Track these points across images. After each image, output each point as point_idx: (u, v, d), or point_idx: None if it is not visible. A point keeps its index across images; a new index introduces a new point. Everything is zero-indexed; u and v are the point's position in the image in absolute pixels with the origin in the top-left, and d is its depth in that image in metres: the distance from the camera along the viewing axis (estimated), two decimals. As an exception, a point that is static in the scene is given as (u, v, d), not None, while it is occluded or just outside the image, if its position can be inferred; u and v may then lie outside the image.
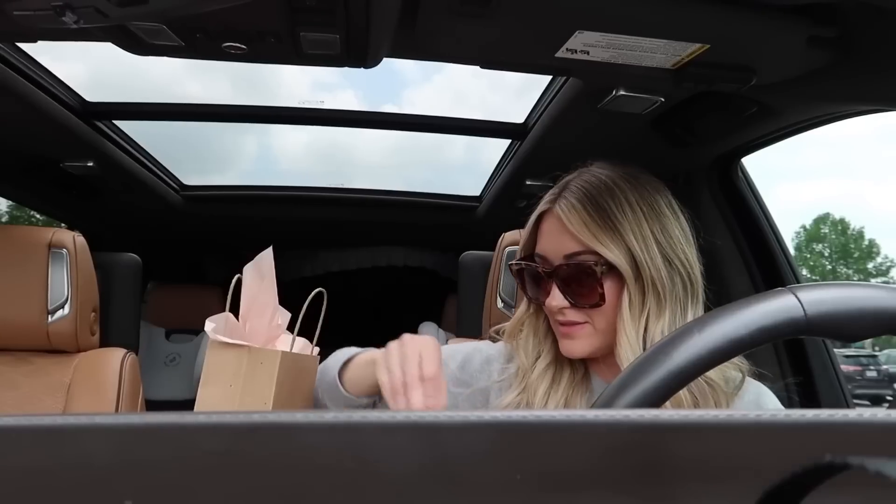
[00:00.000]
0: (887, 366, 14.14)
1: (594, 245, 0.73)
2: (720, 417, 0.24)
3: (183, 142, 2.06)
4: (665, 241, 0.74)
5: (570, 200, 0.76)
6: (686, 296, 0.74)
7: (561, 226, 0.76)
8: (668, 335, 0.40)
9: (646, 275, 0.72)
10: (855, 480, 0.18)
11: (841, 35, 0.78)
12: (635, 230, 0.73)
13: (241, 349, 0.76)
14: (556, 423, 0.24)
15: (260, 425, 0.23)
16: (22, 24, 0.66)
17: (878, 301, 0.38)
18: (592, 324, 0.76)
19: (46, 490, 0.22)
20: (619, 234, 0.73)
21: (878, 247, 31.95)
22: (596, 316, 0.75)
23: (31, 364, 1.13)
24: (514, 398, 0.78)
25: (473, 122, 1.64)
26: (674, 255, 0.74)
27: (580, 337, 0.76)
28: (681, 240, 0.76)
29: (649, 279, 0.72)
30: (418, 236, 2.64)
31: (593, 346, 0.76)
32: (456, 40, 0.82)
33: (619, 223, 0.73)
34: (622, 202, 0.74)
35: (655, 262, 0.72)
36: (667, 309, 0.72)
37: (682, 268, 0.74)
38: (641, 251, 0.72)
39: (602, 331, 0.75)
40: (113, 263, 1.36)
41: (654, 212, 0.75)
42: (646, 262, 0.72)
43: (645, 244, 0.73)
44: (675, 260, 0.74)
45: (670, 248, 0.74)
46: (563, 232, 0.76)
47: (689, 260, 0.75)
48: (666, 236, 0.74)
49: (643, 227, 0.73)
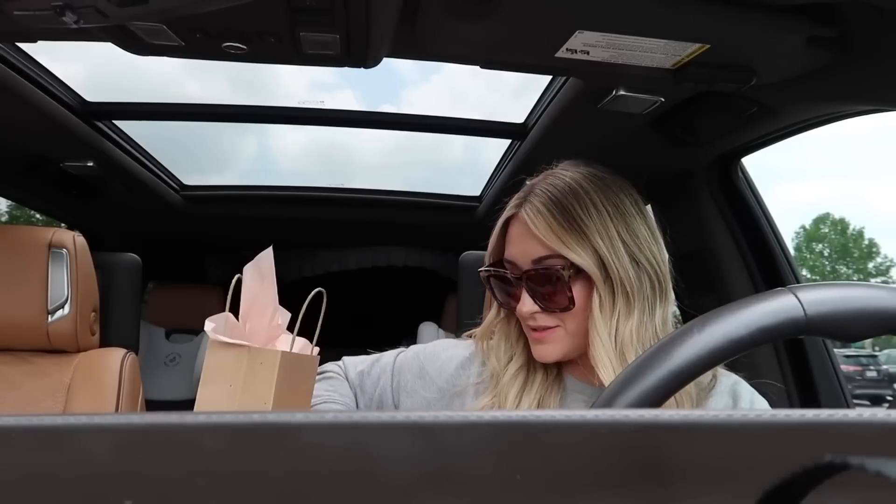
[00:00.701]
0: (887, 366, 14.14)
1: (561, 249, 0.73)
2: (720, 417, 0.24)
3: (183, 142, 2.06)
4: (631, 240, 0.74)
5: (535, 204, 0.76)
6: (654, 294, 0.74)
7: (527, 230, 0.75)
8: (668, 335, 0.39)
9: (614, 276, 0.72)
10: (855, 480, 0.18)
11: (841, 35, 0.78)
12: (601, 231, 0.73)
13: (241, 349, 0.76)
14: (556, 423, 0.24)
15: (260, 425, 0.23)
16: (22, 24, 0.66)
17: (878, 301, 0.38)
18: (564, 327, 0.75)
19: (46, 490, 0.22)
20: (586, 236, 0.73)
21: (877, 247, 31.98)
22: (567, 319, 0.75)
23: (31, 364, 1.13)
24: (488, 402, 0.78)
25: (473, 122, 1.64)
26: (640, 254, 0.74)
27: (552, 341, 0.76)
28: (647, 238, 0.75)
29: (618, 280, 0.72)
30: (418, 236, 2.64)
31: (566, 348, 0.76)
32: (456, 40, 0.82)
33: (585, 225, 0.73)
34: (587, 203, 0.74)
35: (623, 262, 0.72)
36: (635, 308, 0.72)
37: (650, 266, 0.74)
38: (608, 252, 0.72)
39: (573, 333, 0.75)
40: (113, 263, 1.36)
41: (619, 211, 0.75)
42: (613, 263, 0.72)
43: (612, 245, 0.72)
44: (641, 259, 0.74)
45: (637, 247, 0.74)
46: (529, 237, 0.75)
47: (657, 258, 0.75)
48: (632, 235, 0.74)
49: (609, 228, 0.73)
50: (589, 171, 0.79)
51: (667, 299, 0.76)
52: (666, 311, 0.75)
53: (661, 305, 0.75)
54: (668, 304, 0.76)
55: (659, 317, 0.74)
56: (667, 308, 0.75)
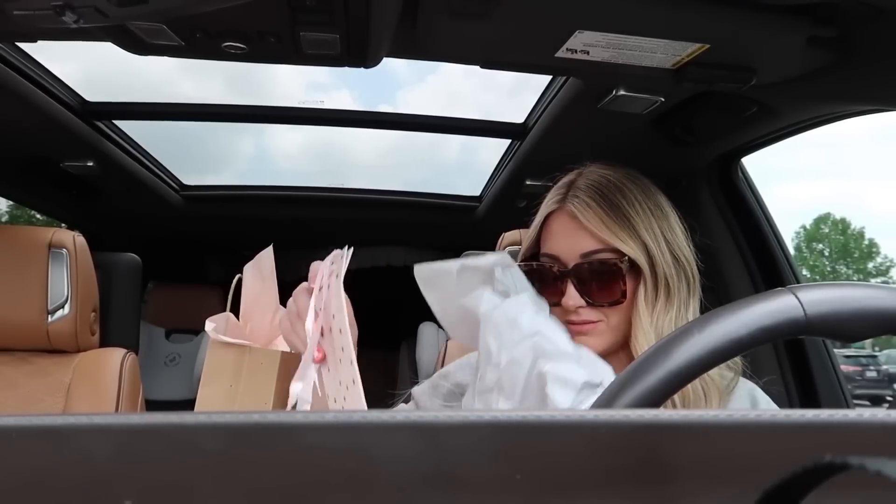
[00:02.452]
0: (887, 366, 14.13)
1: (614, 241, 0.73)
2: (720, 417, 0.24)
3: (182, 142, 2.06)
4: (672, 237, 0.76)
5: (582, 199, 0.76)
6: (688, 290, 0.77)
7: (576, 224, 0.75)
8: (668, 335, 0.40)
9: (659, 270, 0.74)
10: (855, 480, 0.18)
11: (841, 35, 0.78)
12: (647, 226, 0.75)
13: (242, 349, 0.76)
14: (556, 423, 0.24)
15: (260, 425, 0.23)
16: (22, 24, 0.66)
17: (878, 301, 0.38)
18: (607, 321, 0.75)
19: (46, 490, 0.22)
20: (635, 230, 0.74)
21: (877, 247, 32.00)
22: (611, 313, 0.75)
23: (31, 364, 1.13)
24: None
25: (473, 122, 1.64)
26: (679, 251, 0.76)
27: (595, 335, 0.75)
28: (682, 235, 0.78)
29: (662, 274, 0.74)
30: (418, 236, 2.64)
31: (608, 342, 0.75)
32: (456, 40, 0.82)
33: (633, 220, 0.74)
34: (633, 200, 0.76)
35: (666, 257, 0.75)
36: (675, 302, 0.74)
37: (687, 263, 0.77)
38: (655, 247, 0.74)
39: (615, 328, 0.75)
40: (113, 263, 1.36)
41: (660, 209, 0.77)
42: (658, 257, 0.74)
43: (657, 240, 0.75)
44: (680, 255, 0.76)
45: (676, 244, 0.76)
46: (578, 230, 0.75)
47: (690, 256, 0.78)
48: (672, 233, 0.76)
49: (653, 224, 0.75)
50: (625, 171, 0.80)
51: (695, 296, 0.78)
52: (696, 306, 0.78)
53: (693, 300, 0.77)
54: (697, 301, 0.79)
55: (691, 311, 0.77)
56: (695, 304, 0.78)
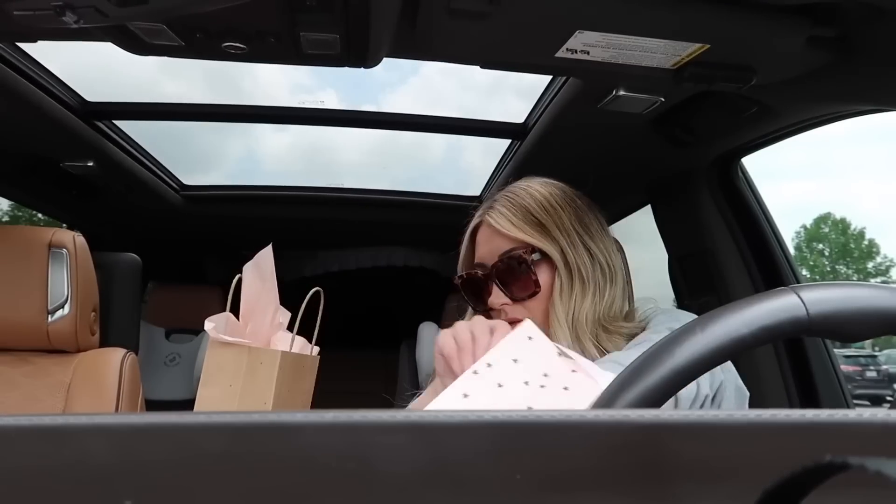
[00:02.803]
0: (887, 366, 14.13)
1: (524, 237, 0.82)
2: (720, 417, 0.24)
3: (183, 142, 2.06)
4: (584, 231, 0.84)
5: (496, 209, 0.86)
6: (605, 280, 0.83)
7: (492, 231, 0.85)
8: (670, 334, 0.39)
9: (572, 262, 0.81)
10: (855, 480, 0.18)
11: (841, 35, 0.78)
12: (558, 224, 0.83)
13: (241, 349, 0.76)
14: (556, 423, 0.24)
15: (260, 425, 0.23)
16: (22, 24, 0.66)
17: (880, 301, 0.38)
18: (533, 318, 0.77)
19: (46, 490, 0.22)
20: (545, 227, 0.83)
21: (877, 247, 32.01)
22: (533, 309, 0.82)
23: (31, 364, 1.13)
24: None
25: (473, 122, 1.64)
26: (592, 243, 0.83)
27: None
28: (599, 231, 0.85)
29: (576, 266, 0.81)
30: (418, 236, 2.64)
31: None
32: (456, 40, 0.82)
33: (543, 219, 0.83)
34: (542, 202, 0.84)
35: (578, 250, 0.82)
36: (589, 292, 0.81)
37: (602, 255, 0.83)
38: (566, 242, 0.82)
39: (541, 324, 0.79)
40: (113, 263, 1.36)
41: (572, 208, 0.85)
42: (570, 251, 0.81)
43: (568, 235, 0.82)
44: (593, 247, 0.83)
45: (589, 237, 0.83)
46: (494, 236, 0.85)
47: (607, 248, 0.85)
48: (584, 227, 0.84)
49: (564, 221, 0.83)
50: (541, 180, 0.89)
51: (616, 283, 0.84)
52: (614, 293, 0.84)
53: (610, 289, 0.83)
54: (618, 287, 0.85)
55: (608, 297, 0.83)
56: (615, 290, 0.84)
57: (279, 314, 0.84)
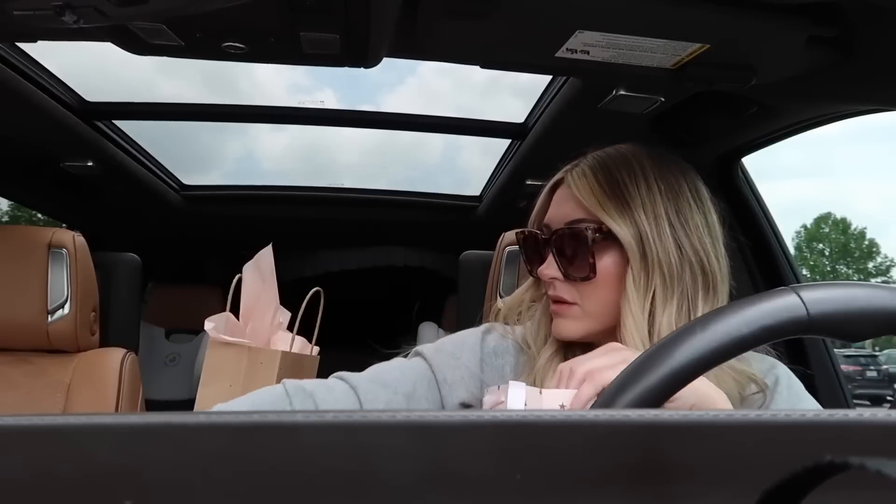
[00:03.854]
0: (887, 366, 14.13)
1: (597, 212, 0.69)
2: (720, 417, 0.24)
3: (182, 142, 2.06)
4: (679, 224, 0.69)
5: (581, 168, 0.73)
6: (696, 287, 0.68)
7: (569, 193, 0.72)
8: (670, 333, 0.39)
9: (651, 254, 0.67)
10: (855, 480, 0.18)
11: (841, 35, 0.78)
12: (647, 206, 0.68)
13: (241, 349, 0.76)
14: (556, 423, 0.24)
15: (260, 425, 0.23)
16: (22, 24, 0.66)
17: (880, 301, 0.38)
18: (582, 306, 0.71)
19: (46, 490, 0.22)
20: (629, 206, 0.68)
21: (878, 247, 32.01)
22: (587, 296, 0.70)
23: (31, 364, 1.13)
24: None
25: (474, 121, 1.64)
26: (686, 240, 0.68)
27: (569, 318, 0.71)
28: (699, 227, 0.70)
29: (655, 259, 0.67)
30: (418, 236, 2.64)
31: (584, 329, 0.71)
32: (456, 40, 0.82)
33: (630, 195, 0.69)
34: (637, 175, 0.70)
35: (665, 243, 0.67)
36: (675, 296, 0.67)
37: (695, 256, 0.68)
38: (650, 229, 0.67)
39: (592, 314, 0.71)
40: (113, 263, 1.36)
41: (673, 192, 0.70)
42: (653, 240, 0.67)
43: (656, 222, 0.68)
44: (686, 246, 0.68)
45: (684, 232, 0.69)
46: (569, 199, 0.72)
47: (706, 250, 0.69)
48: (682, 220, 0.69)
49: (657, 205, 0.69)
50: (649, 149, 0.75)
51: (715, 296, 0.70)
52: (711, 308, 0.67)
53: (705, 301, 0.68)
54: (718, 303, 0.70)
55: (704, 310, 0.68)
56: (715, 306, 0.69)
57: (279, 314, 0.84)
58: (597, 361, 0.57)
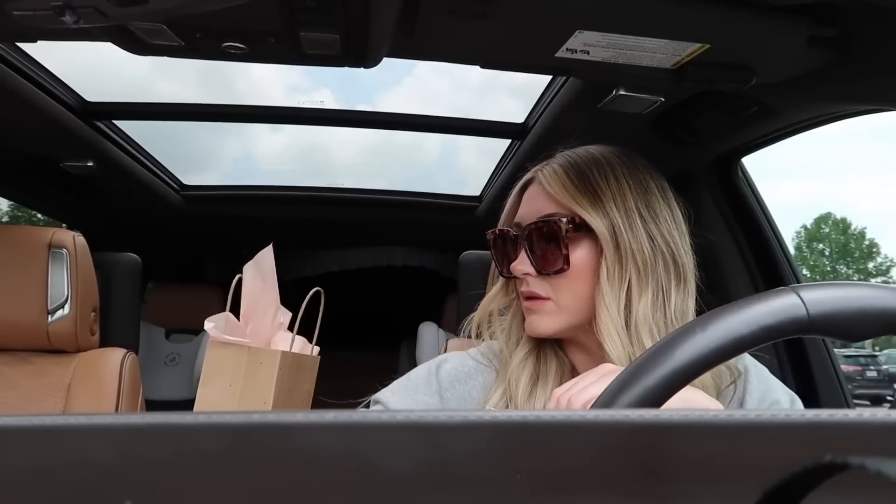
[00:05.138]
0: (887, 366, 14.14)
1: (571, 205, 0.70)
2: (720, 417, 0.24)
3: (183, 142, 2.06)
4: (650, 216, 0.71)
5: (552, 166, 0.75)
6: (668, 278, 0.70)
7: (540, 190, 0.74)
8: (670, 333, 0.39)
9: (624, 245, 0.68)
10: (855, 480, 0.18)
11: (841, 35, 0.78)
12: (618, 200, 0.70)
13: (241, 349, 0.76)
14: (556, 423, 0.24)
15: (260, 425, 0.23)
16: (22, 24, 0.66)
17: (880, 301, 0.38)
18: (556, 301, 0.71)
19: (46, 490, 0.22)
20: (600, 200, 0.70)
21: (878, 247, 32.01)
22: (560, 290, 0.71)
23: (31, 364, 1.13)
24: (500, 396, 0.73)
25: (474, 121, 1.64)
26: (657, 231, 0.70)
27: (543, 314, 0.72)
28: (668, 220, 0.72)
29: (628, 251, 0.68)
30: (418, 236, 2.64)
31: (559, 324, 0.71)
32: (456, 40, 0.82)
33: (601, 191, 0.70)
34: (607, 173, 0.72)
35: (637, 234, 0.69)
36: (649, 286, 0.68)
37: (667, 247, 0.70)
38: (622, 221, 0.69)
39: (566, 309, 0.71)
40: (113, 263, 1.36)
41: (642, 188, 0.72)
42: (625, 232, 0.69)
43: (627, 215, 0.69)
44: (657, 237, 0.70)
45: (654, 224, 0.70)
46: (541, 195, 0.74)
47: (675, 241, 0.71)
48: (651, 213, 0.71)
49: (627, 200, 0.70)
50: (616, 148, 0.77)
51: (685, 287, 0.71)
52: (686, 303, 0.71)
53: (677, 291, 0.70)
54: (689, 296, 0.72)
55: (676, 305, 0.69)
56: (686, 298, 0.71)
57: (279, 314, 0.84)
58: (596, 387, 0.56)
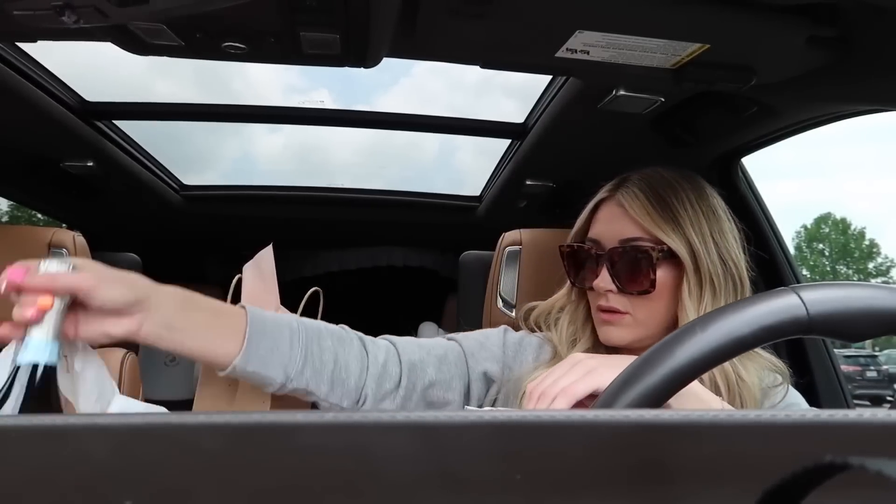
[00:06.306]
0: (887, 366, 14.13)
1: (655, 231, 0.75)
2: (720, 417, 0.24)
3: (183, 142, 2.06)
4: (721, 241, 0.77)
5: (632, 189, 0.79)
6: (735, 295, 0.77)
7: (621, 212, 0.78)
8: (671, 334, 0.39)
9: (703, 267, 0.74)
10: (855, 480, 0.18)
11: (841, 35, 0.78)
12: (695, 225, 0.76)
13: (241, 349, 0.76)
14: (557, 423, 0.24)
15: (260, 425, 0.23)
16: (22, 24, 0.66)
17: (880, 301, 0.38)
18: (633, 315, 0.76)
19: (46, 490, 0.22)
20: (680, 226, 0.75)
21: (878, 247, 32.00)
22: (639, 306, 0.76)
23: (31, 364, 1.13)
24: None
25: (474, 121, 1.64)
26: (728, 255, 0.77)
27: (619, 326, 0.77)
28: (734, 242, 0.79)
29: (707, 272, 0.74)
30: (418, 236, 2.64)
31: (632, 336, 0.77)
32: (456, 40, 0.82)
33: (680, 216, 0.76)
34: (683, 199, 0.77)
35: (713, 257, 0.75)
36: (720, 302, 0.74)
37: (735, 268, 0.77)
38: (700, 245, 0.75)
39: (642, 323, 0.76)
40: (113, 263, 1.35)
41: (713, 212, 0.78)
42: (704, 255, 0.75)
43: (703, 239, 0.75)
44: (728, 260, 0.76)
45: (725, 248, 0.77)
46: (622, 217, 0.78)
47: (740, 263, 0.78)
48: (722, 237, 0.77)
49: (702, 225, 0.76)
50: (684, 173, 0.82)
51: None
52: None
53: None
54: None
55: None
56: None
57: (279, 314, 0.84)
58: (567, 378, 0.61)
